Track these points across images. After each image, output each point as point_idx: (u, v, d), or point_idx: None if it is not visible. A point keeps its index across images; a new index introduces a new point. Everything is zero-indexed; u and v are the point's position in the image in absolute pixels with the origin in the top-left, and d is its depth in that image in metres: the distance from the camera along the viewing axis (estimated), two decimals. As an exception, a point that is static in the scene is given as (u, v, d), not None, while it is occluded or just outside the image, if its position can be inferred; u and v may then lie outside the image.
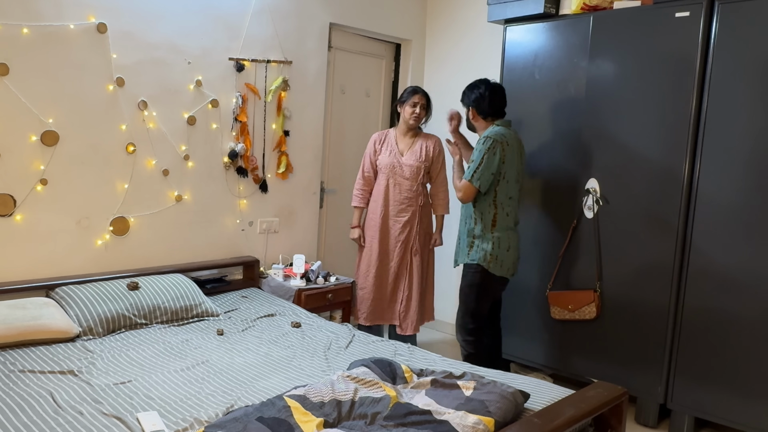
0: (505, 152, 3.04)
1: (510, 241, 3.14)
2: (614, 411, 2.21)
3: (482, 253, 3.10)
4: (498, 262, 3.11)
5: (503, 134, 3.07)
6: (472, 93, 3.19)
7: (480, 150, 3.04)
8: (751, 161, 2.84)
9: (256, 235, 3.80)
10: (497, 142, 3.02)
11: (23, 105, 2.79)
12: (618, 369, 3.28)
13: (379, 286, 3.65)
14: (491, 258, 3.09)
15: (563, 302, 3.37)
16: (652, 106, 3.11)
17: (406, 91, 3.64)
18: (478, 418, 1.86)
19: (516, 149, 3.12)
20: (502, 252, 3.11)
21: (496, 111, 3.17)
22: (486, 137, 3.05)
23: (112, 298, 2.82)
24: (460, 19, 4.46)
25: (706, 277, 2.98)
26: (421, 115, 3.61)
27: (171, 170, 3.33)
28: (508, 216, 3.12)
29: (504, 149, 3.04)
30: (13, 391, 2.09)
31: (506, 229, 3.13)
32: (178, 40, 3.28)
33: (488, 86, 3.16)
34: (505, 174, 3.07)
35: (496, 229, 3.10)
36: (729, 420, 2.96)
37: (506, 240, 3.12)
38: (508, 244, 3.12)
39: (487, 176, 3.03)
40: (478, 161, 3.03)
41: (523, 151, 3.24)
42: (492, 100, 3.14)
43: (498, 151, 3.02)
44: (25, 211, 2.85)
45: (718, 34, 2.90)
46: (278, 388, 2.21)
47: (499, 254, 3.10)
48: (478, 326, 3.19)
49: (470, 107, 3.20)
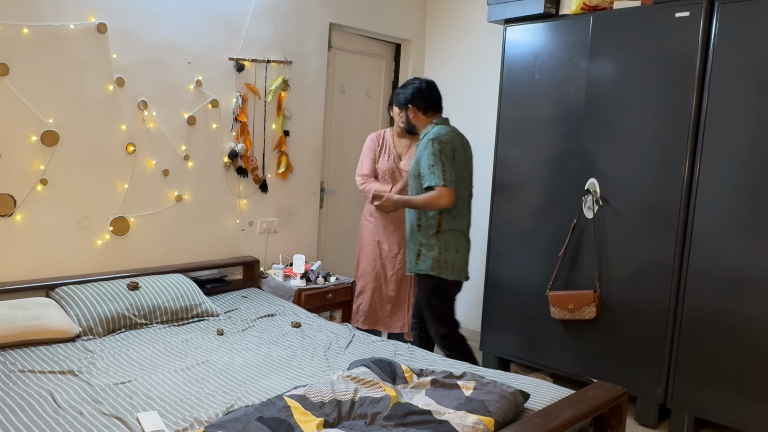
0: (455, 151, 2.93)
1: (458, 244, 3.01)
2: (614, 411, 2.21)
3: (429, 262, 2.97)
4: (449, 266, 2.98)
5: (445, 134, 2.94)
6: (406, 90, 3.09)
7: (433, 153, 2.85)
8: (751, 161, 2.84)
9: (256, 235, 3.80)
10: (444, 143, 2.89)
11: (23, 105, 2.79)
12: (618, 369, 3.28)
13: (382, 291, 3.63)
14: (439, 263, 2.96)
15: (563, 302, 3.37)
16: (652, 106, 3.11)
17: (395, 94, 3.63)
18: (478, 418, 1.86)
19: (461, 147, 3.00)
20: (451, 255, 2.98)
21: (435, 104, 3.06)
22: (430, 140, 2.89)
23: (112, 298, 2.82)
24: (460, 19, 4.46)
25: (706, 276, 2.98)
26: None
27: (171, 170, 3.33)
28: (454, 219, 2.99)
29: (453, 148, 2.92)
30: (13, 391, 2.09)
31: (453, 232, 3.00)
32: (178, 40, 3.28)
33: (422, 80, 3.08)
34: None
35: (441, 233, 2.97)
36: (729, 420, 2.97)
37: (453, 243, 2.99)
38: (456, 247, 3.00)
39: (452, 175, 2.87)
40: (438, 163, 2.84)
41: (469, 149, 3.10)
42: (429, 92, 3.04)
43: (448, 150, 2.88)
44: (25, 211, 2.85)
45: (718, 34, 2.90)
46: (278, 388, 2.21)
47: (447, 258, 2.97)
48: (450, 330, 3.10)
49: (408, 105, 3.08)
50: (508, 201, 3.71)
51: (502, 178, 3.73)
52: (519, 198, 3.66)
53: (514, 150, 3.67)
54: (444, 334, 3.08)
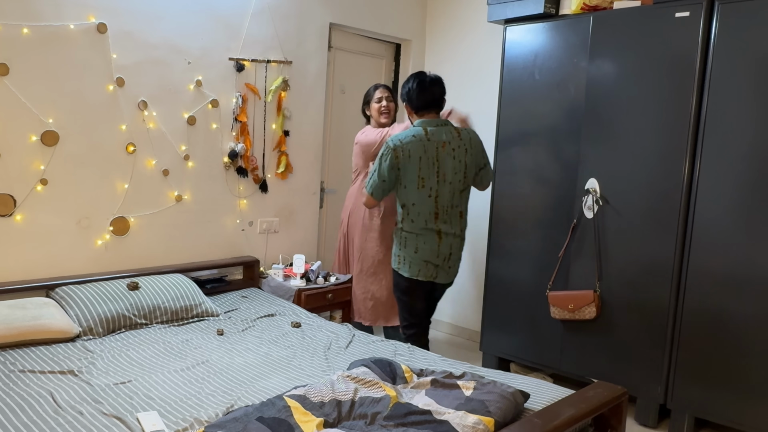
0: (399, 159, 2.92)
1: (417, 243, 3.02)
2: (614, 411, 2.21)
3: (393, 257, 3.13)
4: (406, 263, 3.06)
5: (401, 138, 2.96)
6: (404, 88, 3.11)
7: (378, 154, 3.02)
8: (751, 161, 2.84)
9: (256, 235, 3.80)
10: (389, 149, 2.94)
11: (23, 105, 2.79)
12: (618, 369, 3.28)
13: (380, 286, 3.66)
14: (399, 258, 3.09)
15: (563, 302, 3.37)
16: (652, 106, 3.11)
17: (368, 91, 3.65)
18: (478, 418, 1.86)
19: (421, 155, 2.93)
20: (409, 252, 3.04)
21: (424, 105, 3.05)
22: (386, 142, 3.02)
23: (112, 298, 2.82)
24: (460, 19, 4.46)
25: (706, 276, 2.98)
26: (390, 107, 3.58)
27: (171, 170, 3.33)
28: (413, 222, 3.01)
29: (397, 155, 2.92)
30: (13, 391, 2.09)
31: (413, 233, 3.03)
32: (178, 40, 3.28)
33: (417, 79, 3.06)
34: (402, 180, 2.98)
35: (403, 231, 3.06)
36: (729, 420, 2.97)
37: (413, 242, 3.03)
38: (415, 246, 3.03)
39: (378, 183, 3.00)
40: (375, 167, 3.02)
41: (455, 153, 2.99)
42: (419, 93, 3.02)
43: (389, 158, 2.94)
44: (25, 211, 2.85)
45: (718, 34, 2.90)
46: (278, 388, 2.21)
47: (405, 255, 3.06)
48: (410, 324, 3.19)
49: (405, 103, 3.13)
50: (508, 201, 3.71)
51: (502, 178, 3.73)
52: (519, 198, 3.66)
53: (514, 150, 3.67)
54: (405, 326, 3.22)
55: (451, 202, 3.04)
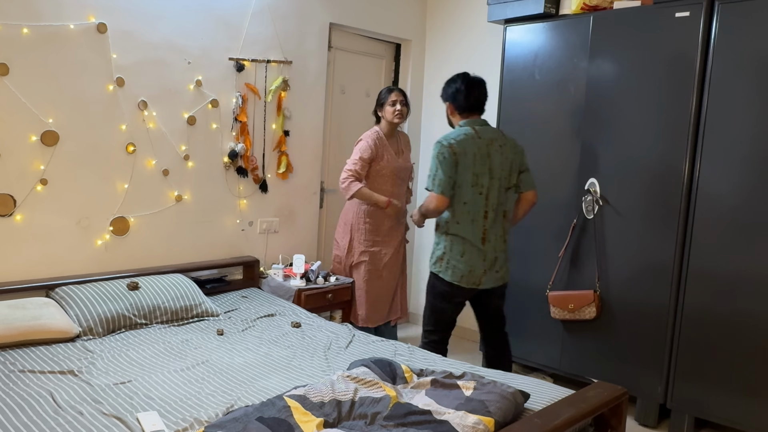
0: (457, 155, 2.83)
1: (464, 248, 2.91)
2: (614, 411, 2.21)
3: (434, 258, 2.99)
4: (449, 267, 2.92)
5: (453, 137, 2.89)
6: (449, 87, 3.04)
7: (433, 156, 2.88)
8: (751, 161, 2.84)
9: (256, 235, 3.80)
10: (444, 146, 2.83)
11: (23, 105, 2.79)
12: (618, 369, 3.28)
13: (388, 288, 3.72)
14: (441, 262, 2.95)
15: (563, 302, 3.37)
16: (652, 106, 3.11)
17: (383, 93, 3.66)
18: (478, 418, 1.86)
19: (474, 152, 2.87)
20: (454, 256, 2.91)
21: (472, 106, 3.00)
22: (436, 142, 2.89)
23: (112, 298, 2.82)
24: (460, 19, 4.46)
25: (706, 277, 2.98)
26: (404, 112, 3.62)
27: (171, 170, 3.33)
28: (458, 224, 2.90)
29: (455, 152, 2.83)
30: (13, 391, 2.09)
31: (457, 237, 2.92)
32: (178, 40, 3.28)
33: (465, 80, 3.00)
34: (455, 178, 2.86)
35: (449, 235, 2.93)
36: (729, 420, 2.97)
37: (459, 246, 2.91)
38: (461, 251, 2.91)
39: (445, 180, 2.83)
40: (434, 168, 2.87)
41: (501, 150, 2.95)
42: (468, 94, 2.98)
43: (448, 156, 2.82)
44: (25, 211, 2.85)
45: (718, 34, 2.90)
46: (278, 388, 2.21)
47: (450, 259, 2.92)
48: (435, 330, 3.06)
49: (448, 102, 3.06)
50: (508, 201, 3.71)
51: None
52: (519, 198, 3.66)
53: (514, 150, 3.67)
54: (428, 332, 3.09)
55: (498, 200, 2.96)
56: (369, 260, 3.63)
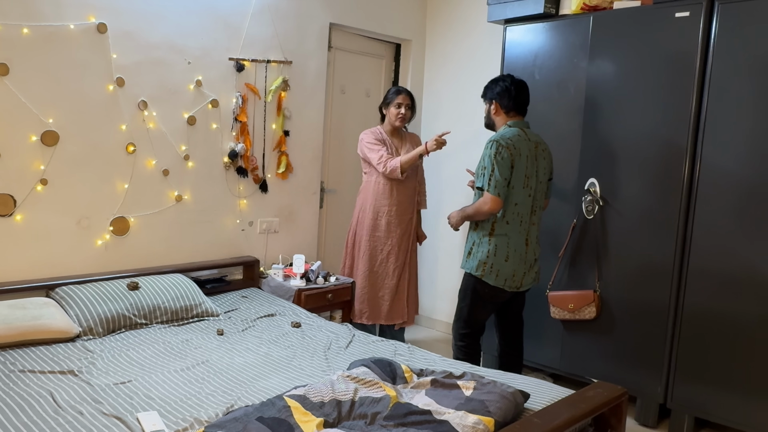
0: (513, 156, 2.84)
1: (509, 250, 2.92)
2: (614, 411, 2.21)
3: (476, 261, 2.95)
4: (493, 271, 2.92)
5: (509, 137, 2.89)
6: (496, 86, 3.03)
7: (489, 155, 2.85)
8: (751, 161, 2.84)
9: (256, 235, 3.80)
10: (502, 146, 2.83)
11: (23, 105, 2.79)
12: (618, 369, 3.28)
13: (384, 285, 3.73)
14: (485, 266, 2.92)
15: (563, 302, 3.37)
16: (652, 106, 3.11)
17: (390, 92, 3.69)
18: (478, 418, 1.86)
19: (527, 153, 2.90)
20: (499, 260, 2.91)
21: (518, 106, 3.01)
22: (491, 141, 2.87)
23: (112, 298, 2.82)
24: (460, 19, 4.46)
25: (706, 277, 2.98)
26: (407, 116, 3.66)
27: (171, 170, 3.33)
28: (508, 224, 2.91)
29: (511, 153, 2.84)
30: (13, 391, 2.09)
31: (504, 237, 2.92)
32: (178, 40, 3.28)
33: (513, 81, 3.02)
34: (510, 179, 2.87)
35: (494, 236, 2.92)
36: (729, 420, 2.97)
37: (504, 249, 2.92)
38: (506, 254, 2.92)
39: (501, 181, 2.83)
40: (489, 166, 2.84)
41: (543, 154, 3.01)
42: (518, 94, 2.99)
43: (505, 156, 2.82)
44: (25, 211, 2.85)
45: (718, 34, 2.90)
46: (278, 388, 2.21)
47: (494, 262, 2.91)
48: (471, 332, 3.08)
49: (493, 101, 3.04)
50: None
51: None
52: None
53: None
54: (462, 336, 3.09)
55: (540, 203, 3.03)
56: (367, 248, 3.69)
